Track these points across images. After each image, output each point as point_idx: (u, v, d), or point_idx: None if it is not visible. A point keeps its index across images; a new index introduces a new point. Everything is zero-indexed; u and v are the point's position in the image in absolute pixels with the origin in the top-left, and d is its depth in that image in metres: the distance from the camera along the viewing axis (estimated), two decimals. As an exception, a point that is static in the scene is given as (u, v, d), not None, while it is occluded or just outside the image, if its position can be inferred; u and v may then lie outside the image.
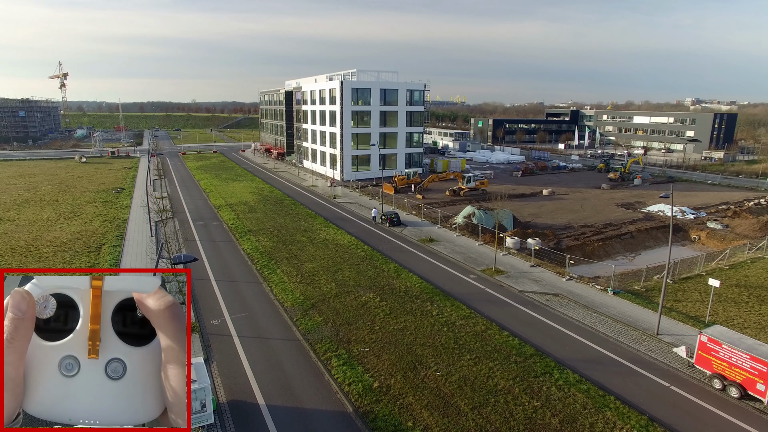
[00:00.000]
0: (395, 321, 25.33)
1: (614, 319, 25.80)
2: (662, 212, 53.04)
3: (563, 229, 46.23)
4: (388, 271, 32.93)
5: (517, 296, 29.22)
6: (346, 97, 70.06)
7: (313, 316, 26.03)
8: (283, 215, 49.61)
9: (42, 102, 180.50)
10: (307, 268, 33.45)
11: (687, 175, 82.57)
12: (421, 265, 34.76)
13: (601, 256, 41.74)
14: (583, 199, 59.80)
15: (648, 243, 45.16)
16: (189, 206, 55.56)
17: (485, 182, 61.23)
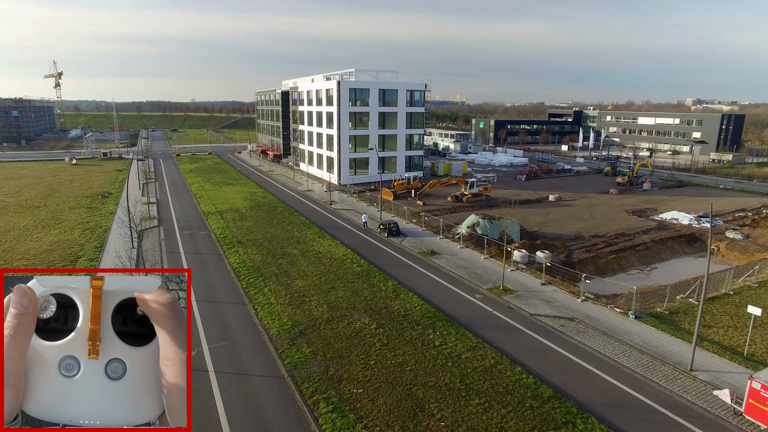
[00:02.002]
0: (393, 353, 22.47)
1: (639, 350, 22.93)
2: (676, 220, 50.20)
3: (573, 239, 43.38)
4: (386, 290, 30.07)
5: (529, 321, 26.37)
6: (343, 98, 67.16)
7: (301, 346, 23.17)
8: (275, 224, 46.73)
9: (36, 101, 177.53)
10: (297, 286, 30.58)
11: (697, 178, 79.61)
12: (422, 282, 31.90)
13: (615, 270, 38.91)
14: (592, 206, 56.95)
15: (664, 255, 42.32)
16: (177, 213, 52.73)
17: (489, 187, 58.34)
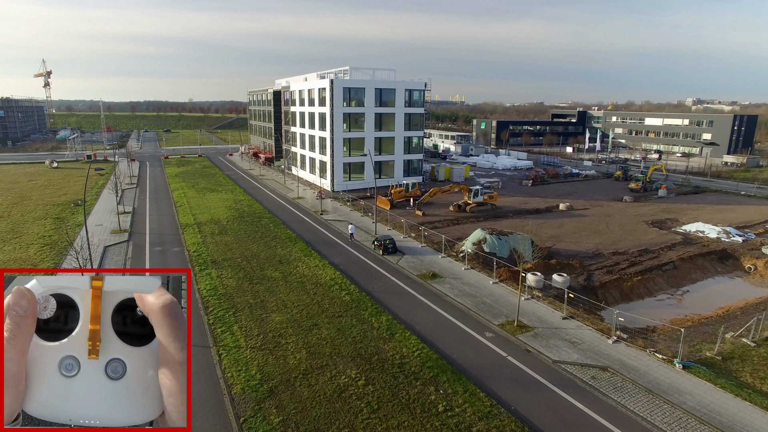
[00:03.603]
0: (385, 425, 17.66)
1: (698, 419, 18.15)
2: (702, 233, 45.40)
3: (591, 257, 38.60)
4: (379, 327, 25.28)
5: (552, 371, 21.59)
6: (336, 98, 62.31)
7: (269, 413, 18.34)
8: (257, 238, 41.89)
9: (24, 101, 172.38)
10: (273, 322, 25.76)
11: (714, 183, 74.78)
12: (422, 316, 27.10)
13: (641, 294, 34.15)
14: (607, 216, 52.15)
15: (694, 275, 37.54)
16: (152, 225, 47.89)
17: (495, 195, 53.51)
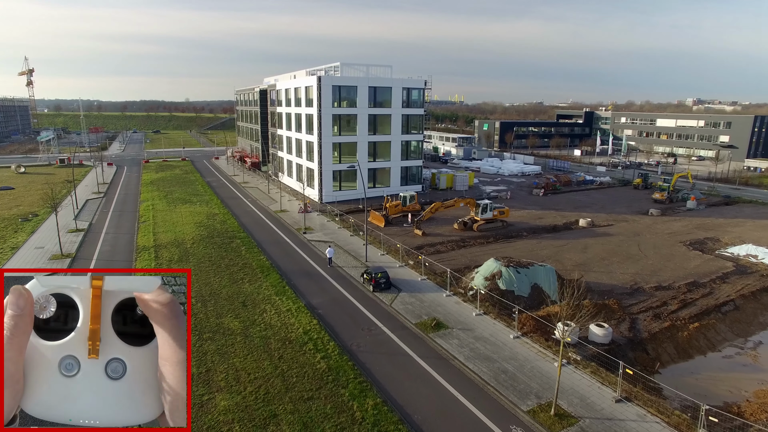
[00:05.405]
0: None
1: None
2: (755, 258, 38.20)
3: (630, 293, 31.29)
4: (362, 419, 17.95)
5: None
6: (325, 97, 54.97)
7: None
8: (223, 268, 34.56)
9: (5, 100, 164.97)
10: (215, 412, 18.39)
11: (745, 192, 67.54)
12: (422, 394, 19.80)
13: (701, 348, 26.87)
14: (636, 235, 44.86)
15: (761, 317, 30.29)
16: (104, 247, 40.50)
17: (506, 211, 46.21)
